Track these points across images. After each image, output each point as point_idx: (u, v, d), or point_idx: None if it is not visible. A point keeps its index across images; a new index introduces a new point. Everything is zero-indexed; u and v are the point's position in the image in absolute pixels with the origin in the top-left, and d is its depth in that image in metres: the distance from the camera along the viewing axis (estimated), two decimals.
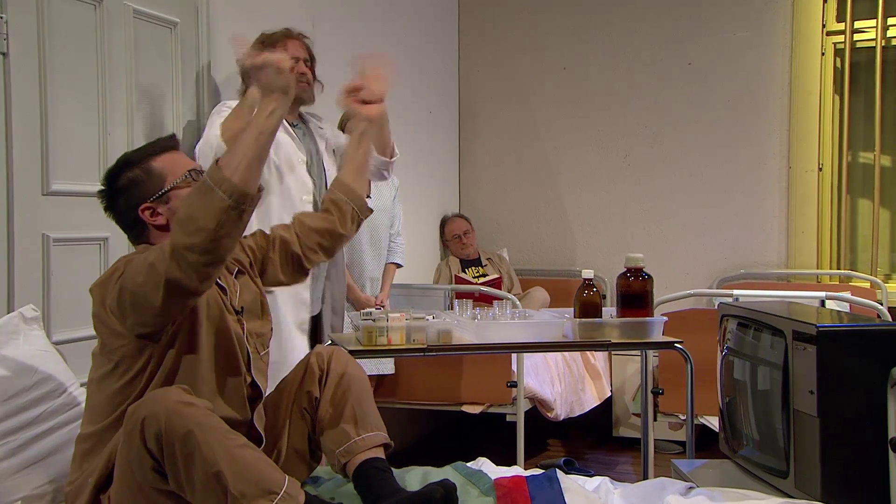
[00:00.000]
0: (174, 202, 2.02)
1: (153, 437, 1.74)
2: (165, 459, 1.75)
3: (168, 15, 3.03)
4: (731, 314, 2.59)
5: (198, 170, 2.08)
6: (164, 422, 1.73)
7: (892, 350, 2.07)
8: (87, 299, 2.68)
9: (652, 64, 5.13)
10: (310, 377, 2.20)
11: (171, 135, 2.16)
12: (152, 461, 1.76)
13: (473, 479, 2.18)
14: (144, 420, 1.75)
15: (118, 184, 2.05)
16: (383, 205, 3.91)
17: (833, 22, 4.81)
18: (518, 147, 5.42)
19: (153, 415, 1.74)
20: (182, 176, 2.05)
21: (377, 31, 4.45)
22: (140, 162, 2.05)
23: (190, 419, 1.74)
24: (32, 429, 2.08)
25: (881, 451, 1.97)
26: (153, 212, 2.03)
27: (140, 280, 1.81)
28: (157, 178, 2.04)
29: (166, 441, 1.74)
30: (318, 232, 2.34)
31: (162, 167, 2.05)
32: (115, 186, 2.06)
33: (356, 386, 2.19)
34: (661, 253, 5.03)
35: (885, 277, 4.79)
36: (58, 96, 2.58)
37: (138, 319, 1.86)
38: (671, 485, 2.21)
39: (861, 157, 4.86)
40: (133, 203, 2.03)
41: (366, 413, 2.16)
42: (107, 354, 1.95)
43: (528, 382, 3.84)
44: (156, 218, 2.03)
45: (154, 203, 2.03)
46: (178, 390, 1.81)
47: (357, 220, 2.40)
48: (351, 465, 2.10)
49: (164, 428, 1.73)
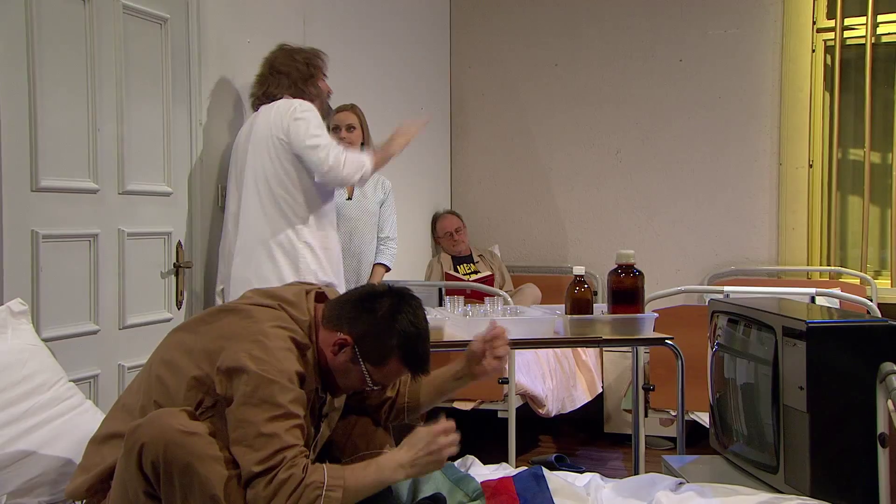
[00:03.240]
0: (350, 370, 1.93)
1: (150, 463, 1.73)
2: (162, 486, 1.74)
3: (158, 10, 3.02)
4: (722, 310, 2.60)
5: (380, 386, 2.00)
6: (163, 451, 1.71)
7: (882, 346, 2.08)
8: (76, 295, 2.69)
9: (643, 61, 5.13)
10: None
11: (429, 369, 2.00)
12: (146, 484, 1.75)
13: (461, 484, 2.18)
14: (144, 446, 1.73)
15: (382, 318, 1.92)
16: (369, 208, 3.87)
17: (823, 19, 4.82)
18: (509, 144, 5.42)
19: (153, 441, 1.72)
20: (376, 384, 1.97)
21: (368, 28, 4.44)
22: (401, 345, 1.92)
23: (190, 450, 1.72)
24: (21, 423, 2.07)
25: (870, 446, 1.98)
26: (343, 348, 1.92)
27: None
28: (378, 359, 1.93)
29: (164, 470, 1.72)
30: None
31: (391, 366, 1.93)
32: (381, 311, 1.92)
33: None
34: (652, 249, 5.04)
35: (874, 274, 4.81)
36: (47, 92, 2.57)
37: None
38: (661, 480, 2.21)
39: (851, 154, 4.88)
40: (357, 330, 1.91)
41: (373, 428, 2.18)
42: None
43: (520, 379, 3.84)
44: (334, 347, 1.92)
45: (352, 350, 1.92)
46: (180, 414, 1.77)
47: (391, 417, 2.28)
48: None
49: (162, 457, 1.72)
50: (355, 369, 1.94)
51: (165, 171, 3.09)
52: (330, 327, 1.94)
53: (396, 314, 1.92)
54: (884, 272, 4.83)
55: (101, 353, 2.79)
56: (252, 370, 1.77)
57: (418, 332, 1.94)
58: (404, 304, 1.95)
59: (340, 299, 1.99)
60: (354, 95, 4.01)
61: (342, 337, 1.92)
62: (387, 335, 1.91)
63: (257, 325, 1.85)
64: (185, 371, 1.87)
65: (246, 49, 3.43)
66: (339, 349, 1.92)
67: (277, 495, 1.71)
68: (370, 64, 4.42)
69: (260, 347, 1.80)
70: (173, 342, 1.97)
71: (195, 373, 1.85)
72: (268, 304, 1.93)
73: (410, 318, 1.93)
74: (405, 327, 1.92)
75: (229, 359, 1.81)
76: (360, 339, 1.91)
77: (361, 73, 4.32)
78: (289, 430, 1.76)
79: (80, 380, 2.64)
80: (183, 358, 1.89)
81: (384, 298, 1.94)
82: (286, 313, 1.92)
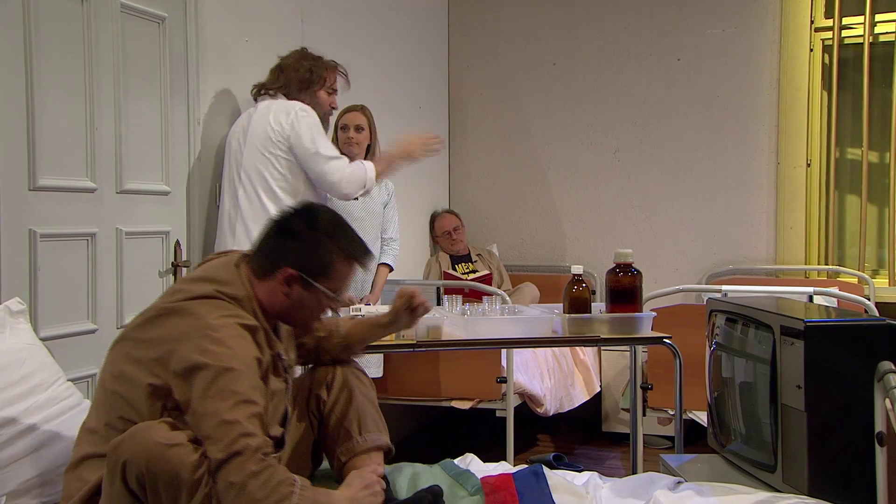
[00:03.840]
0: (307, 298, 1.97)
1: (135, 478, 1.72)
2: (150, 500, 1.73)
3: (156, 10, 3.02)
4: (720, 309, 2.60)
5: (340, 293, 2.03)
6: (146, 465, 1.71)
7: (879, 345, 2.08)
8: (74, 294, 2.69)
9: (641, 60, 5.13)
10: (318, 382, 2.22)
11: (372, 256, 2.09)
12: (133, 500, 1.75)
13: (461, 479, 2.18)
14: (127, 462, 1.72)
15: (306, 231, 1.97)
16: (373, 209, 3.90)
17: (821, 18, 4.83)
18: (508, 143, 5.42)
19: (135, 457, 1.71)
20: (336, 292, 2.00)
21: (366, 27, 4.44)
22: (336, 243, 1.98)
23: (173, 461, 1.71)
24: (19, 423, 2.06)
25: (868, 445, 1.98)
26: (290, 282, 1.96)
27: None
28: (324, 269, 1.97)
29: (150, 484, 1.72)
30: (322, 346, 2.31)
31: (338, 269, 1.98)
32: (301, 228, 1.97)
33: (360, 388, 2.23)
34: (651, 248, 5.05)
35: (872, 273, 4.81)
36: (44, 91, 2.56)
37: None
38: (659, 479, 2.21)
39: (849, 154, 4.88)
40: (291, 256, 1.96)
41: (369, 416, 2.19)
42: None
43: (518, 378, 3.84)
44: (283, 286, 1.96)
45: (299, 279, 1.96)
46: (160, 426, 1.76)
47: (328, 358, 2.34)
48: (349, 466, 2.12)
49: (146, 471, 1.71)
50: (312, 293, 1.98)
51: (163, 170, 3.08)
52: (267, 276, 1.97)
53: (314, 223, 1.99)
54: (881, 271, 4.83)
55: (99, 353, 2.76)
56: (206, 364, 1.76)
57: (339, 224, 2.03)
58: (313, 212, 2.03)
59: (259, 249, 2.02)
60: (353, 95, 4.00)
61: (286, 273, 1.95)
62: (319, 244, 1.97)
63: (201, 320, 1.83)
64: (139, 381, 1.85)
65: (244, 48, 3.42)
66: (289, 285, 1.96)
67: (248, 487, 1.69)
68: (368, 63, 4.42)
69: (210, 340, 1.79)
70: (119, 355, 1.94)
71: (150, 380, 1.83)
72: (204, 292, 1.91)
73: (327, 218, 2.02)
74: (328, 228, 1.99)
75: (182, 360, 1.79)
76: (300, 263, 1.96)
77: (360, 73, 4.31)
78: (249, 417, 1.74)
79: (79, 379, 2.63)
80: (133, 368, 1.87)
81: (294, 219, 2.00)
82: (224, 298, 1.91)
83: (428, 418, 4.91)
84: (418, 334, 2.75)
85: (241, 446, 1.70)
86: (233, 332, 1.83)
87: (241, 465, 1.69)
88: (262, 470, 1.71)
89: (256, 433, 1.74)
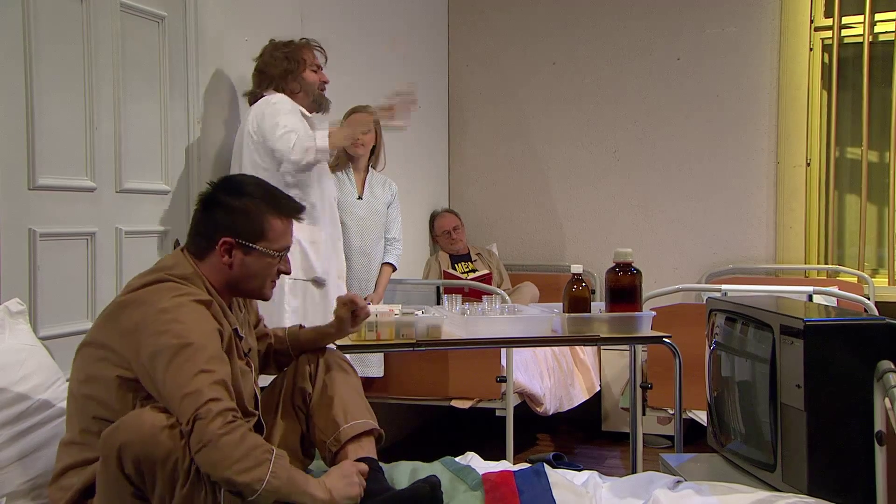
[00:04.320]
0: (251, 262, 2.00)
1: (131, 463, 1.73)
2: (147, 482, 1.75)
3: (155, 8, 3.02)
4: (719, 309, 2.60)
5: (286, 250, 2.06)
6: (141, 448, 1.72)
7: (879, 344, 2.08)
8: (74, 294, 2.69)
9: (641, 59, 5.13)
10: (301, 375, 2.23)
11: (303, 207, 2.11)
12: (132, 487, 1.76)
13: (461, 474, 2.18)
14: (122, 447, 1.73)
15: (231, 200, 2.00)
16: (377, 209, 3.90)
17: (821, 17, 4.82)
18: (507, 142, 5.42)
19: (129, 442, 1.73)
20: (276, 250, 2.03)
21: (366, 27, 4.43)
22: (263, 203, 2.01)
23: (169, 443, 1.73)
24: (19, 424, 2.07)
25: (868, 444, 1.98)
26: (229, 250, 1.99)
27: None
28: (259, 230, 2.00)
29: (146, 466, 1.73)
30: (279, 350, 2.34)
31: (273, 227, 2.01)
32: (225, 198, 2.01)
33: (344, 379, 2.23)
34: (650, 248, 5.04)
35: (872, 272, 4.81)
36: (44, 90, 2.56)
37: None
38: (659, 479, 2.21)
39: (849, 153, 4.88)
40: (223, 226, 1.99)
41: (352, 402, 2.19)
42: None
43: (518, 377, 3.84)
44: (224, 257, 1.99)
45: (237, 245, 1.99)
46: (150, 412, 1.77)
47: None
48: (341, 456, 2.12)
49: (142, 454, 1.72)
50: (254, 257, 2.00)
51: (163, 169, 3.08)
52: (207, 253, 2.00)
53: (236, 190, 2.02)
54: (881, 270, 4.83)
55: None
56: (163, 346, 1.78)
57: (262, 185, 2.08)
58: (234, 181, 2.09)
59: (192, 231, 2.06)
60: (352, 94, 4.01)
61: (222, 243, 1.98)
62: (248, 209, 2.00)
63: (154, 306, 1.85)
64: (106, 376, 1.87)
65: (243, 47, 3.42)
66: (230, 253, 1.98)
67: (220, 444, 1.70)
68: (368, 62, 4.42)
69: (163, 323, 1.81)
70: (82, 361, 1.96)
71: (118, 373, 1.85)
72: (152, 279, 1.94)
73: (249, 182, 2.07)
74: (253, 191, 2.03)
75: (142, 351, 1.81)
76: (233, 230, 1.99)
77: (359, 72, 4.32)
78: (211, 385, 1.75)
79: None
80: (98, 367, 1.89)
81: (217, 192, 2.03)
82: (173, 279, 1.94)
83: (428, 417, 4.91)
84: (418, 333, 2.75)
85: (203, 411, 1.72)
86: (187, 310, 1.85)
87: (203, 428, 1.70)
88: (232, 429, 1.72)
89: (221, 398, 1.75)
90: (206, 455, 1.70)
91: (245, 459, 1.71)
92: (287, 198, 2.08)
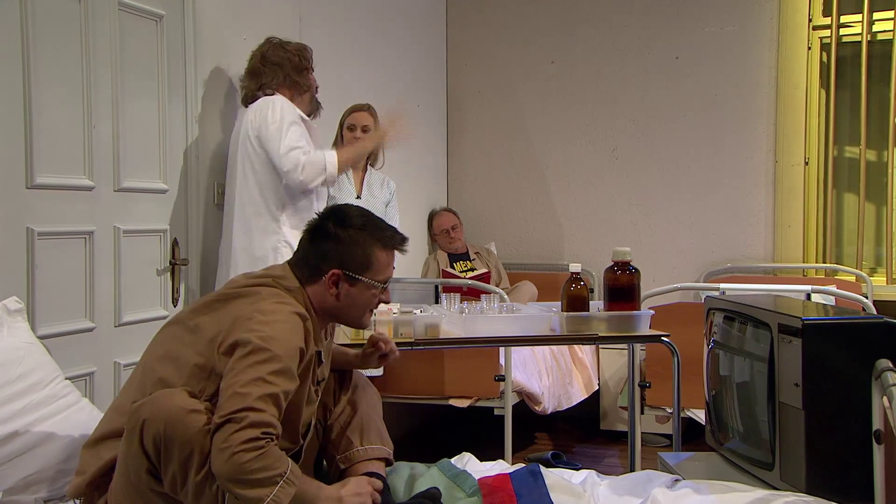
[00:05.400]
0: (356, 293, 2.01)
1: (151, 439, 1.74)
2: (163, 462, 1.75)
3: (153, 7, 3.01)
4: (718, 308, 2.60)
5: (388, 281, 2.07)
6: (164, 427, 1.73)
7: (877, 343, 2.08)
8: (72, 293, 2.69)
9: (639, 58, 5.13)
10: (325, 390, 2.22)
11: (406, 239, 2.12)
12: (148, 463, 1.76)
13: (458, 480, 2.18)
14: (145, 422, 1.74)
15: (339, 231, 2.01)
16: (376, 207, 3.90)
17: (819, 16, 4.83)
18: (506, 141, 5.42)
19: (154, 418, 1.74)
20: (380, 281, 2.04)
21: (365, 26, 4.43)
22: (369, 236, 2.02)
23: (190, 426, 1.74)
24: (16, 421, 2.06)
25: (866, 443, 1.98)
26: (336, 282, 2.00)
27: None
28: (366, 263, 2.01)
29: (165, 445, 1.74)
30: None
31: (378, 259, 2.03)
32: (334, 229, 2.01)
33: (366, 399, 2.25)
34: (649, 247, 5.05)
35: (870, 271, 4.81)
36: (42, 89, 2.56)
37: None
38: (657, 477, 2.21)
39: (847, 152, 4.88)
40: (331, 258, 2.00)
41: (372, 425, 2.21)
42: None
43: (516, 376, 3.84)
44: (332, 288, 2.00)
45: (345, 276, 2.00)
46: (181, 393, 1.79)
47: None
48: (348, 473, 2.13)
49: (163, 433, 1.73)
50: (359, 288, 2.02)
51: (161, 168, 3.08)
52: (313, 280, 2.01)
53: (344, 221, 2.03)
54: (879, 269, 4.83)
55: (96, 351, 2.79)
56: (247, 340, 1.80)
57: (368, 217, 2.08)
58: (341, 212, 2.07)
59: (298, 259, 2.06)
60: (351, 93, 4.01)
61: (331, 274, 1.99)
62: (355, 240, 2.01)
63: (256, 304, 1.88)
64: (185, 361, 1.88)
65: (241, 46, 3.42)
66: (336, 285, 2.00)
67: (237, 455, 1.69)
68: (366, 61, 4.42)
69: (258, 322, 1.83)
70: (168, 336, 1.97)
71: (196, 360, 1.87)
72: (260, 282, 1.97)
73: (355, 214, 2.07)
74: (359, 223, 2.03)
75: (228, 339, 1.83)
76: (342, 262, 2.00)
77: (358, 71, 4.32)
78: (262, 396, 1.75)
79: (76, 377, 2.63)
80: (182, 349, 1.90)
81: (325, 223, 2.04)
82: (281, 288, 1.97)
83: (425, 416, 4.91)
84: (416, 332, 2.75)
85: (239, 416, 1.71)
86: (283, 318, 1.87)
87: (230, 432, 1.70)
88: (253, 447, 1.71)
89: (264, 409, 1.75)
90: (219, 459, 1.71)
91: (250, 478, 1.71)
92: (392, 229, 2.10)
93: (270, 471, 1.73)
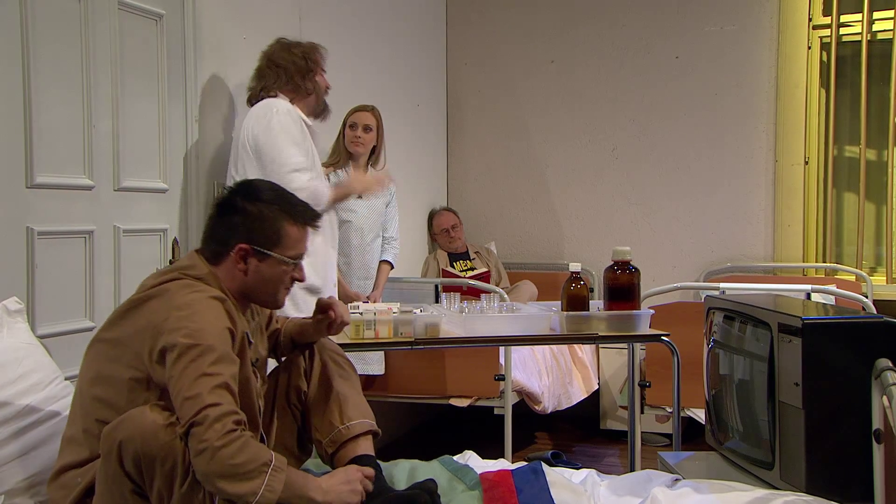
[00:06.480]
0: (266, 269, 1.99)
1: (130, 459, 1.73)
2: (146, 479, 1.75)
3: (153, 7, 3.01)
4: (718, 307, 2.60)
5: (301, 258, 2.04)
6: (142, 444, 1.72)
7: (877, 342, 2.09)
8: (72, 292, 2.69)
9: (639, 58, 5.13)
10: (295, 372, 2.21)
11: (320, 215, 2.11)
12: (131, 484, 1.76)
13: (459, 473, 2.19)
14: (122, 443, 1.73)
15: (247, 205, 1.99)
16: (376, 207, 3.90)
17: (819, 16, 4.82)
18: (506, 140, 5.42)
19: (130, 438, 1.73)
20: (291, 257, 2.01)
21: (365, 25, 4.43)
22: (279, 210, 2.00)
23: (169, 440, 1.73)
24: (16, 422, 2.07)
25: (865, 442, 1.98)
26: (244, 257, 1.98)
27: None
28: (275, 237, 1.99)
29: (146, 463, 1.73)
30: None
31: (288, 234, 2.00)
32: (242, 203, 1.99)
33: (339, 375, 2.22)
34: (649, 246, 5.05)
35: (870, 270, 4.81)
36: (42, 88, 2.56)
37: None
38: (657, 477, 2.22)
39: (847, 151, 4.88)
40: (239, 233, 1.98)
41: (349, 400, 2.18)
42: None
43: (516, 376, 3.84)
44: (240, 263, 1.98)
45: (253, 252, 1.98)
46: (152, 410, 1.78)
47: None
48: (339, 456, 2.12)
49: (141, 450, 1.72)
50: (268, 264, 1.99)
51: (161, 167, 3.08)
52: (222, 258, 1.99)
53: (253, 196, 2.00)
54: (879, 269, 4.83)
55: None
56: (175, 342, 1.78)
57: (280, 192, 2.05)
58: (252, 186, 2.06)
59: (207, 235, 2.04)
60: (351, 93, 4.00)
61: (238, 249, 1.96)
62: (263, 214, 1.98)
63: (169, 302, 1.86)
64: (119, 378, 1.86)
65: (241, 45, 3.42)
66: (245, 260, 1.97)
67: (219, 452, 1.69)
68: (366, 61, 4.42)
69: (178, 318, 1.81)
70: (93, 358, 1.95)
71: (130, 374, 1.85)
72: (167, 278, 1.94)
73: (266, 188, 2.05)
74: (269, 198, 2.01)
75: (156, 346, 1.81)
76: (250, 236, 1.97)
77: (358, 71, 4.32)
78: (212, 389, 1.74)
79: (76, 378, 2.62)
80: (110, 367, 1.88)
81: (234, 197, 2.02)
82: (189, 278, 1.94)
83: (426, 416, 4.92)
84: (416, 332, 2.75)
85: (200, 417, 1.71)
86: (201, 306, 1.85)
87: (200, 435, 1.70)
88: (231, 440, 1.70)
89: (220, 402, 1.74)
90: (202, 463, 1.70)
91: (240, 471, 1.71)
92: (303, 205, 2.07)
93: (257, 461, 1.73)
